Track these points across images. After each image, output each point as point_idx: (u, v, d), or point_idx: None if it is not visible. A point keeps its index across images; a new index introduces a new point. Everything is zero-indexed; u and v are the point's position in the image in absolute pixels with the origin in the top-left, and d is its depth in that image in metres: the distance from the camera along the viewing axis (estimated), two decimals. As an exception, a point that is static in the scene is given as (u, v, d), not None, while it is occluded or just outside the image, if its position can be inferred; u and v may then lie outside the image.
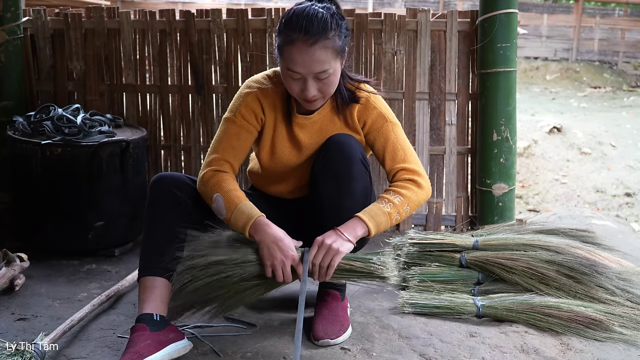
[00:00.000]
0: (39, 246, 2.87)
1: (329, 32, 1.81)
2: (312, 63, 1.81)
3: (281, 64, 1.88)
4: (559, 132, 7.53)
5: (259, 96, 2.00)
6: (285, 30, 1.83)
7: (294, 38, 1.80)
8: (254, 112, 2.00)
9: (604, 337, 2.04)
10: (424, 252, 2.51)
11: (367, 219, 1.89)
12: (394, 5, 15.19)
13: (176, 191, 1.97)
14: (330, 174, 1.94)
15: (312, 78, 1.85)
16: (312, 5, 1.85)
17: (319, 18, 1.80)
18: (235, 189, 1.92)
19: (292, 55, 1.81)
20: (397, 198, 1.93)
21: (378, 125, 2.02)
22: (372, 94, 2.04)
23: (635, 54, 14.84)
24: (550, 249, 2.38)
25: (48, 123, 2.83)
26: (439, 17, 3.22)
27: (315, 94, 1.87)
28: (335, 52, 1.84)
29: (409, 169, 1.99)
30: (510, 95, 3.07)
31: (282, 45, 1.84)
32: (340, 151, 1.93)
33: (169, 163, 3.47)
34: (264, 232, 1.85)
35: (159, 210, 1.97)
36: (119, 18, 3.35)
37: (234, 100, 2.04)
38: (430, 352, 1.93)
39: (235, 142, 1.99)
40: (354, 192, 1.94)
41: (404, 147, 2.02)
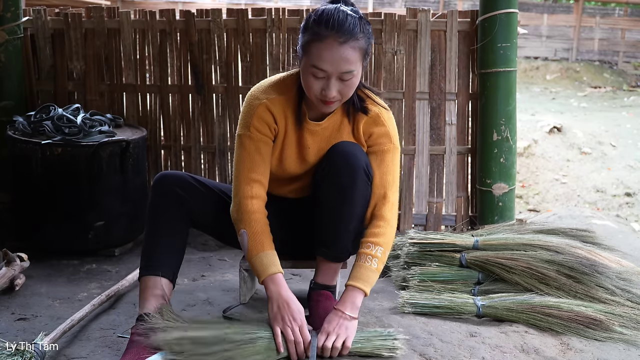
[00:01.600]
0: (39, 246, 2.87)
1: (359, 34, 1.82)
2: (340, 62, 1.81)
3: (305, 61, 1.86)
4: (559, 132, 7.53)
5: (269, 106, 1.98)
6: (315, 27, 1.82)
7: (325, 35, 1.80)
8: (267, 123, 1.99)
9: (604, 337, 2.04)
10: (424, 252, 2.51)
11: (363, 286, 1.93)
12: (394, 5, 15.18)
13: (179, 190, 1.99)
14: (333, 181, 1.95)
15: (336, 78, 1.84)
16: (341, 7, 1.85)
17: (349, 19, 1.82)
18: (263, 233, 1.93)
19: (320, 52, 1.81)
20: (379, 250, 1.96)
21: (381, 143, 2.03)
22: (384, 109, 2.05)
23: (635, 54, 14.84)
24: (551, 249, 2.38)
25: (48, 123, 2.83)
26: (439, 17, 3.22)
27: (335, 94, 1.86)
28: (362, 55, 1.85)
29: (387, 200, 2.00)
30: (510, 95, 3.07)
31: (310, 42, 1.83)
32: (345, 160, 1.94)
33: (169, 163, 3.47)
34: (277, 292, 1.88)
35: (161, 209, 1.98)
36: (119, 18, 3.35)
37: (244, 115, 2.01)
38: (430, 352, 1.93)
39: (257, 158, 1.98)
40: (355, 201, 1.96)
41: (393, 172, 2.04)
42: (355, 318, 1.92)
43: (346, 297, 1.94)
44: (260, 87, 2.03)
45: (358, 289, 1.93)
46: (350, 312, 1.91)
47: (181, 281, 2.63)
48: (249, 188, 1.96)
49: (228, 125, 3.38)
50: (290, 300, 1.88)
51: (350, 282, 1.95)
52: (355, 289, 1.93)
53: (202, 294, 2.44)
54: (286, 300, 1.87)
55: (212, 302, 2.36)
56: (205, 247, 3.10)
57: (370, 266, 1.95)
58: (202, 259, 2.93)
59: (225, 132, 3.38)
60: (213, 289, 2.52)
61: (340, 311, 1.91)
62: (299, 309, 1.88)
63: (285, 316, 1.85)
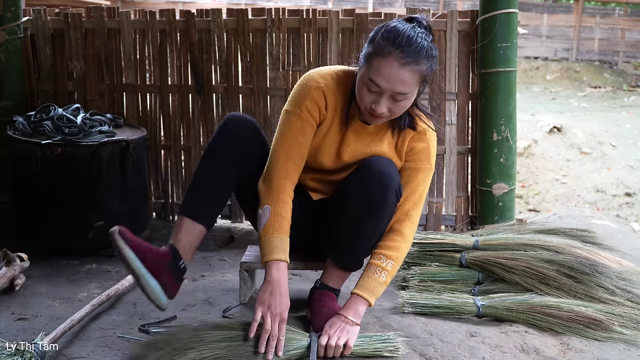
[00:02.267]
0: (39, 246, 2.87)
1: (422, 59, 1.80)
2: (397, 82, 1.79)
3: (363, 71, 1.84)
4: (559, 132, 7.53)
5: (325, 92, 1.96)
6: (382, 41, 1.80)
7: (389, 51, 1.78)
8: (318, 107, 1.97)
9: (604, 337, 2.04)
10: (424, 251, 2.51)
11: (368, 297, 1.95)
12: (394, 5, 15.18)
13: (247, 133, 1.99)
14: (362, 197, 1.92)
15: (389, 96, 1.83)
16: (414, 27, 1.83)
17: (418, 42, 1.79)
18: (284, 216, 1.92)
19: (380, 67, 1.79)
20: (390, 264, 1.97)
21: (418, 160, 2.03)
22: (431, 129, 2.04)
23: (635, 54, 14.84)
24: (551, 249, 2.39)
25: (48, 123, 2.83)
26: (439, 17, 3.22)
27: (384, 111, 1.85)
28: (420, 80, 1.84)
29: (409, 217, 2.01)
30: (510, 95, 3.07)
31: (373, 54, 1.81)
32: (378, 179, 1.91)
33: (169, 163, 3.47)
34: (277, 279, 1.87)
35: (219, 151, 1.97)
36: (119, 18, 3.35)
37: (298, 93, 1.98)
38: (430, 352, 1.93)
39: (301, 139, 1.97)
40: (381, 219, 1.96)
41: (421, 191, 2.04)
42: (357, 324, 1.93)
43: (350, 304, 1.95)
44: (320, 72, 2.00)
45: (363, 298, 1.95)
46: (353, 318, 1.92)
47: (181, 281, 2.63)
48: (285, 166, 1.95)
49: (228, 125, 3.37)
50: (285, 293, 1.87)
51: (357, 291, 1.96)
52: (361, 298, 1.95)
53: (202, 294, 2.44)
54: (281, 291, 1.86)
55: (212, 302, 2.36)
56: (205, 247, 3.10)
57: (379, 278, 1.96)
58: (202, 259, 2.93)
59: (225, 132, 3.38)
60: (213, 289, 2.52)
61: (343, 316, 1.92)
62: (287, 305, 1.86)
63: (272, 305, 1.84)
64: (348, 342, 1.86)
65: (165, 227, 3.39)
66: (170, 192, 3.48)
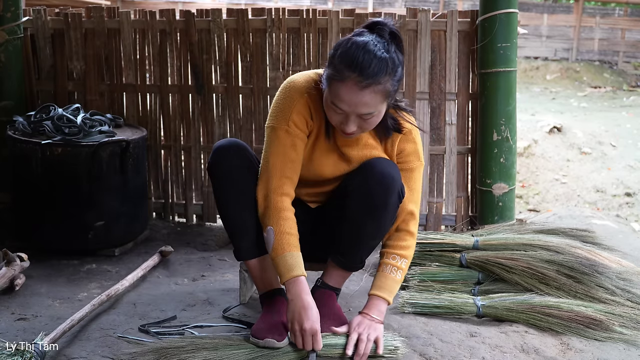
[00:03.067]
0: (39, 246, 2.87)
1: (383, 77, 1.73)
2: (359, 105, 1.75)
3: (327, 93, 1.81)
4: (559, 132, 7.53)
5: (309, 103, 1.92)
6: (338, 65, 1.74)
7: (346, 76, 1.72)
8: (305, 119, 1.93)
9: (604, 337, 2.04)
10: (424, 251, 2.51)
11: (387, 296, 1.98)
12: (394, 5, 15.17)
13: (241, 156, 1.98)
14: (364, 199, 1.92)
15: (355, 116, 1.80)
16: (373, 41, 1.74)
17: (377, 59, 1.72)
18: (290, 234, 1.90)
19: (339, 93, 1.75)
20: (403, 262, 2.01)
21: (410, 161, 2.03)
22: (415, 127, 2.04)
23: (635, 54, 14.83)
24: (551, 249, 2.39)
25: (48, 123, 2.83)
26: (439, 17, 3.22)
27: (354, 130, 1.83)
28: (384, 96, 1.78)
29: (413, 215, 2.03)
30: (510, 95, 3.07)
31: (331, 78, 1.77)
32: (380, 181, 1.90)
33: (169, 163, 3.47)
34: (298, 294, 1.84)
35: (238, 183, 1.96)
36: (119, 18, 3.35)
37: (282, 106, 1.93)
38: (430, 352, 1.93)
39: (293, 155, 1.93)
40: (384, 221, 1.96)
41: (418, 189, 2.06)
42: (382, 322, 1.94)
43: (371, 304, 1.96)
44: (302, 79, 1.95)
45: (383, 298, 1.97)
46: (377, 316, 1.94)
47: (181, 281, 2.63)
48: (280, 184, 1.92)
49: (228, 125, 3.38)
50: (309, 306, 1.83)
51: (376, 292, 1.97)
52: (380, 298, 1.97)
53: (202, 294, 2.44)
54: (304, 306, 1.83)
55: (212, 302, 2.36)
56: (205, 247, 3.10)
57: (395, 277, 1.99)
58: (202, 259, 2.93)
59: (225, 132, 3.38)
60: (213, 289, 2.52)
61: (369, 315, 1.94)
62: (315, 317, 1.82)
63: (299, 323, 1.82)
64: (378, 340, 1.88)
65: (165, 227, 3.39)
66: (170, 192, 3.48)
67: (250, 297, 2.37)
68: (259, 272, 2.04)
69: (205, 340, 1.87)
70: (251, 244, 2.01)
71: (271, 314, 1.95)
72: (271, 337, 1.83)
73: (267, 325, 1.88)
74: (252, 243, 2.01)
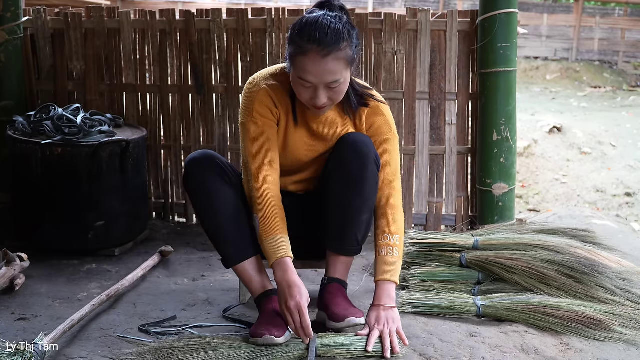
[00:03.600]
0: (39, 246, 2.87)
1: (342, 43, 1.83)
2: (325, 74, 1.83)
3: (292, 72, 1.89)
4: (559, 132, 7.53)
5: (269, 92, 2.00)
6: (298, 40, 1.84)
7: (307, 49, 1.82)
8: (268, 107, 2.00)
9: (604, 337, 2.04)
10: (424, 251, 2.51)
11: (392, 277, 1.99)
12: (394, 5, 15.18)
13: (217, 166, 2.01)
14: (344, 173, 1.97)
15: (323, 87, 1.87)
16: (325, 15, 1.86)
17: (332, 29, 1.82)
18: (274, 217, 1.92)
19: (304, 66, 1.84)
20: (395, 238, 2.02)
21: (382, 132, 2.08)
22: (382, 102, 2.10)
23: (635, 54, 14.83)
24: (551, 249, 2.39)
25: (48, 123, 2.83)
26: (439, 17, 3.22)
27: (325, 101, 1.90)
28: (347, 63, 1.87)
29: (393, 187, 2.07)
30: (510, 95, 3.07)
31: (294, 55, 1.86)
32: (355, 151, 1.96)
33: (169, 163, 3.47)
34: (283, 275, 1.86)
35: (213, 192, 1.98)
36: (119, 18, 3.35)
37: (246, 102, 2.02)
38: (430, 352, 1.93)
39: (265, 141, 1.99)
40: (367, 190, 1.99)
41: (395, 160, 2.09)
42: (394, 307, 1.96)
43: (380, 292, 1.97)
44: (259, 75, 2.05)
45: (388, 281, 1.98)
46: (389, 303, 1.96)
47: (181, 281, 2.63)
48: (259, 172, 1.96)
49: (228, 125, 3.38)
50: (294, 284, 1.83)
51: (380, 277, 1.98)
52: (386, 282, 1.98)
53: (202, 294, 2.44)
54: (289, 285, 1.83)
55: (212, 302, 2.36)
56: (205, 247, 3.10)
57: (392, 257, 2.00)
58: (202, 259, 2.93)
59: (225, 132, 3.38)
60: (213, 289, 2.52)
61: (380, 306, 1.95)
62: (300, 294, 1.82)
63: (285, 302, 1.83)
64: (399, 331, 1.91)
65: (165, 227, 3.39)
66: (170, 192, 3.48)
67: (250, 297, 2.37)
68: (249, 276, 2.03)
69: (205, 340, 1.87)
70: (235, 249, 2.01)
71: (268, 312, 1.95)
72: (269, 334, 1.84)
73: (264, 323, 1.89)
74: (236, 248, 2.01)
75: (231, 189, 2.01)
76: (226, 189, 2.00)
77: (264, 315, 1.95)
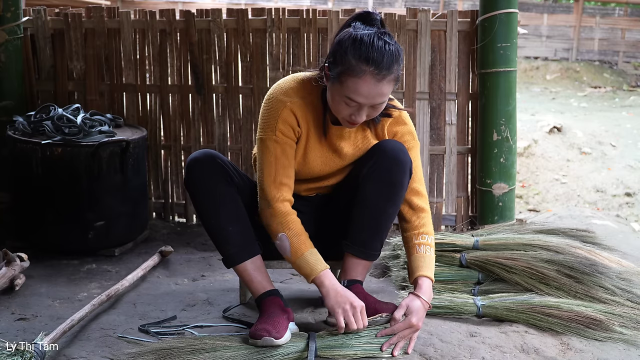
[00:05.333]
0: (39, 246, 2.87)
1: (394, 66, 1.81)
2: (376, 96, 1.82)
3: (337, 88, 1.84)
4: (559, 132, 7.53)
5: (294, 109, 1.95)
6: (352, 60, 1.79)
7: (362, 71, 1.78)
8: (291, 126, 1.96)
9: (604, 337, 2.04)
10: (424, 252, 2.50)
11: (431, 274, 2.02)
12: (394, 5, 15.17)
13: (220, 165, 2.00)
14: (383, 179, 1.96)
15: (368, 107, 1.85)
16: (378, 34, 1.82)
17: (387, 52, 1.79)
18: (301, 233, 1.95)
19: (357, 88, 1.80)
20: (431, 239, 2.06)
21: (406, 141, 2.07)
22: (403, 110, 2.09)
23: (635, 54, 14.83)
24: (551, 249, 2.39)
25: (48, 123, 2.83)
26: (439, 17, 3.22)
27: (364, 119, 1.89)
28: (395, 83, 1.86)
29: (421, 193, 2.09)
30: (510, 95, 3.07)
31: (344, 74, 1.80)
32: (395, 159, 1.96)
33: (169, 163, 3.47)
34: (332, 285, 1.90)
35: (214, 192, 1.98)
36: (119, 18, 3.35)
37: (268, 117, 1.97)
38: (430, 352, 1.93)
39: (285, 162, 1.97)
40: (399, 199, 2.01)
41: (420, 167, 2.10)
42: (429, 305, 1.99)
43: (421, 285, 1.98)
44: (280, 89, 1.98)
45: (428, 277, 2.00)
46: (428, 299, 1.98)
47: (181, 281, 2.63)
48: (279, 192, 1.96)
49: (228, 125, 3.38)
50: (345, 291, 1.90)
51: (423, 273, 2.00)
52: (427, 278, 2.00)
53: (202, 294, 2.44)
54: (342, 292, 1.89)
55: (212, 302, 2.36)
56: (205, 247, 3.10)
57: (431, 255, 2.04)
58: (202, 259, 2.93)
59: (225, 132, 3.38)
60: (213, 289, 2.52)
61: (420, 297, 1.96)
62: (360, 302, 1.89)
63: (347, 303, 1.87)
64: (419, 324, 1.94)
65: (165, 227, 3.39)
66: (170, 192, 3.48)
67: (250, 297, 2.37)
68: (250, 276, 2.02)
69: (204, 342, 1.87)
70: (237, 249, 2.01)
71: (268, 313, 1.95)
72: (268, 336, 1.84)
73: (264, 324, 1.89)
74: (238, 248, 2.01)
75: (232, 189, 2.00)
76: (227, 189, 1.99)
77: (264, 315, 1.95)
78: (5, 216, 3.18)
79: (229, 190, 1.99)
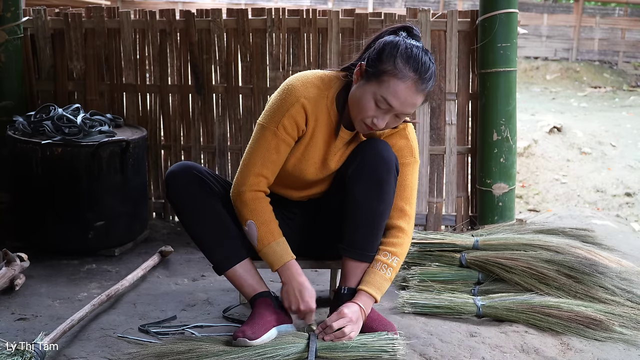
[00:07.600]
0: (39, 246, 2.87)
1: (431, 84, 1.86)
2: (409, 105, 1.84)
3: (373, 86, 1.83)
4: (559, 132, 7.53)
5: (306, 106, 1.91)
6: (401, 63, 1.80)
7: (408, 76, 1.80)
8: (297, 124, 1.92)
9: (604, 337, 2.04)
10: (424, 251, 2.51)
11: (375, 293, 1.95)
12: (394, 5, 15.17)
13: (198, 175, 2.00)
14: (369, 176, 1.92)
15: (395, 114, 1.85)
16: (426, 51, 1.86)
17: (432, 69, 1.85)
18: (270, 221, 1.95)
19: (397, 89, 1.80)
20: (395, 260, 1.98)
21: (402, 155, 2.02)
22: (410, 123, 2.05)
23: (635, 54, 14.82)
24: (551, 249, 2.39)
25: (48, 123, 2.83)
26: (439, 17, 3.22)
27: (383, 126, 1.88)
28: (424, 101, 1.92)
29: (406, 214, 2.02)
30: (510, 95, 3.07)
31: (389, 73, 1.81)
32: (379, 156, 1.92)
33: (169, 163, 3.47)
34: (291, 277, 1.93)
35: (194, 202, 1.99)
36: (119, 18, 3.35)
37: (276, 107, 1.92)
38: (430, 352, 1.93)
39: (274, 157, 1.94)
40: (389, 196, 1.95)
41: (413, 186, 2.04)
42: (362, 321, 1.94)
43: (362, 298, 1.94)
44: (300, 81, 1.93)
45: (370, 295, 1.95)
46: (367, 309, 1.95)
47: (181, 281, 2.63)
48: (256, 181, 1.95)
49: (228, 125, 3.38)
50: (303, 286, 1.91)
51: (363, 287, 1.95)
52: (367, 294, 1.95)
53: (202, 294, 2.44)
54: (299, 287, 1.91)
55: (212, 302, 2.36)
56: (205, 247, 3.10)
57: (384, 275, 1.96)
58: (202, 259, 2.92)
59: (225, 132, 3.38)
60: (213, 289, 2.52)
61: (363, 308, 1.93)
62: (310, 295, 1.92)
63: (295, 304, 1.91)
64: (351, 334, 1.88)
65: (165, 227, 3.39)
66: (170, 192, 3.48)
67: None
68: (240, 281, 2.02)
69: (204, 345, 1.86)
70: (223, 256, 2.01)
71: (253, 314, 1.95)
72: (242, 336, 1.85)
73: (245, 325, 1.90)
74: (224, 255, 2.01)
75: (212, 198, 1.99)
76: (207, 197, 1.99)
77: (250, 317, 1.96)
78: (5, 216, 3.18)
79: (209, 200, 1.99)
